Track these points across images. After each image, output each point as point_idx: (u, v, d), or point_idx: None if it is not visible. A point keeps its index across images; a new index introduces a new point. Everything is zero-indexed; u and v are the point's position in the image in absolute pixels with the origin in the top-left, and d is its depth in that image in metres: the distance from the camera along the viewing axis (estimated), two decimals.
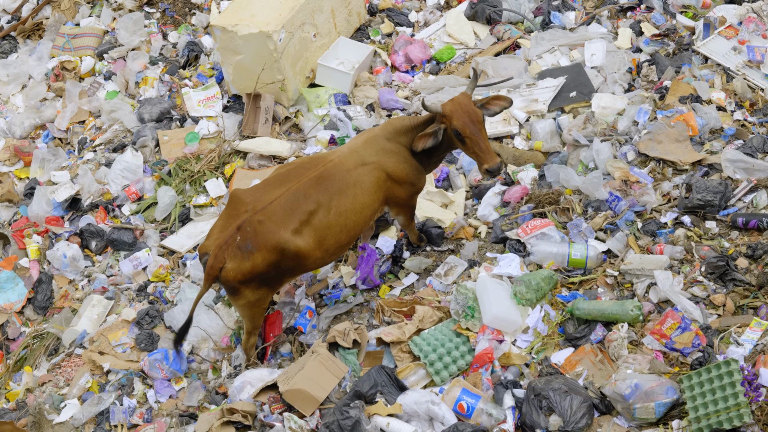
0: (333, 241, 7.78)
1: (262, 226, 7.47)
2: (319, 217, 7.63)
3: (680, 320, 7.01)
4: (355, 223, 7.86)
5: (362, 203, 7.85)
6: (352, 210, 7.79)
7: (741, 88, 9.34)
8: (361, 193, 7.82)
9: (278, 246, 7.50)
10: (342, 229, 7.79)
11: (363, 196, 7.84)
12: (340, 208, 7.71)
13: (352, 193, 7.77)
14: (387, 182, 7.97)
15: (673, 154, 8.70)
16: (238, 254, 7.45)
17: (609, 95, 9.68)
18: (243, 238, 7.45)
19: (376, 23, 12.16)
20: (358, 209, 7.83)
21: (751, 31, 9.92)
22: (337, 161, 7.83)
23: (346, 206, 7.75)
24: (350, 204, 7.76)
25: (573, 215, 8.46)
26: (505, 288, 7.73)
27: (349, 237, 7.91)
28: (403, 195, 8.16)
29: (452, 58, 11.38)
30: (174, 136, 10.88)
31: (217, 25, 10.69)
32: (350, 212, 7.78)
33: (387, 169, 7.94)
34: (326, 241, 7.73)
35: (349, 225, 7.82)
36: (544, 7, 11.49)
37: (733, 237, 7.88)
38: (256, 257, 7.48)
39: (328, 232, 7.72)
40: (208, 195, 10.18)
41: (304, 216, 7.57)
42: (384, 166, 7.93)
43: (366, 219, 7.98)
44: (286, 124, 10.89)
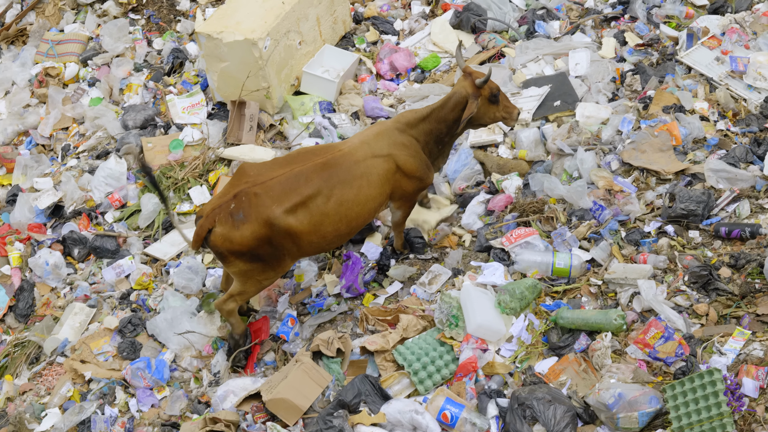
0: (331, 228, 7.84)
1: (256, 198, 7.56)
2: (317, 202, 7.69)
3: (663, 330, 7.02)
4: (357, 214, 7.92)
5: (367, 195, 7.91)
6: (354, 201, 7.84)
7: (724, 98, 9.37)
8: (367, 185, 7.88)
9: (268, 220, 7.57)
10: (341, 219, 7.84)
11: (369, 189, 7.91)
12: (341, 197, 7.77)
13: (357, 185, 7.83)
14: (396, 175, 8.06)
15: (657, 164, 8.72)
16: (228, 221, 7.57)
17: (593, 104, 9.70)
18: (237, 207, 7.56)
19: (361, 31, 12.17)
20: (362, 201, 7.90)
21: (734, 41, 9.96)
22: (346, 151, 7.91)
23: (349, 197, 7.80)
24: (353, 195, 7.82)
25: (557, 224, 8.47)
26: (489, 297, 7.73)
27: (349, 227, 7.97)
28: (410, 189, 8.24)
29: (437, 66, 11.39)
30: (158, 143, 10.85)
31: (202, 32, 10.67)
32: (352, 203, 7.84)
33: (398, 162, 8.03)
34: (323, 227, 7.79)
35: (350, 216, 7.88)
36: (528, 17, 11.51)
37: (716, 246, 7.90)
38: (245, 228, 7.56)
39: (326, 219, 7.77)
40: (192, 202, 10.15)
41: (300, 198, 7.63)
42: (395, 159, 8.02)
43: (370, 211, 8.04)
44: (271, 132, 10.88)
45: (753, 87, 9.46)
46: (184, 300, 9.02)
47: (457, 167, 9.49)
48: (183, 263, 9.33)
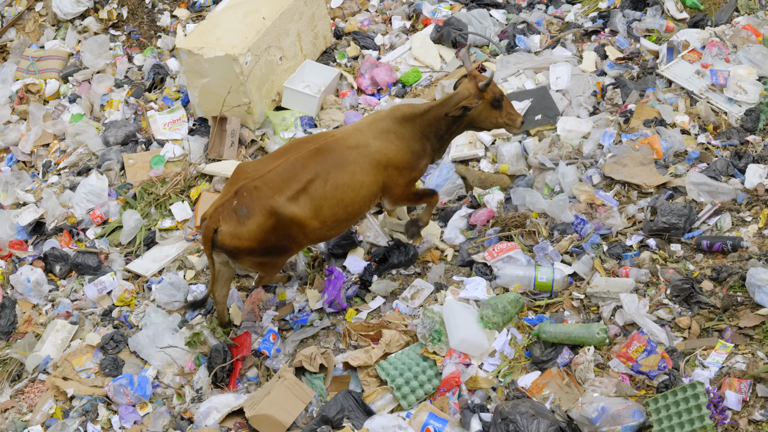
0: (329, 213, 7.92)
1: (258, 191, 7.66)
2: (315, 186, 7.80)
3: (646, 343, 7.03)
4: (352, 199, 7.99)
5: (360, 182, 7.99)
6: (349, 186, 7.93)
7: (704, 111, 9.41)
8: (360, 171, 7.97)
9: (273, 210, 7.67)
10: (338, 203, 7.93)
11: (361, 175, 7.99)
12: (337, 181, 7.87)
13: (351, 170, 7.94)
14: (387, 167, 8.14)
15: (638, 177, 8.74)
16: (233, 217, 7.66)
17: (574, 118, 9.72)
18: (239, 203, 7.65)
19: (342, 46, 12.17)
20: (356, 186, 7.98)
21: (714, 55, 10.00)
22: (339, 137, 8.05)
23: (344, 181, 7.90)
24: (348, 179, 7.92)
25: (539, 238, 8.48)
26: (472, 311, 7.73)
27: (347, 213, 8.05)
28: (402, 182, 8.31)
29: (418, 81, 11.40)
30: (139, 159, 10.83)
31: (182, 48, 10.66)
32: (347, 187, 7.93)
33: (389, 153, 8.12)
34: (322, 211, 7.88)
35: (346, 200, 7.96)
36: (509, 31, 11.54)
37: (697, 260, 7.91)
38: (251, 222, 7.66)
39: (324, 203, 7.86)
40: (173, 218, 10.13)
41: (300, 184, 7.75)
42: (385, 150, 8.11)
43: (364, 199, 8.11)
44: (252, 147, 10.87)
45: (733, 100, 9.50)
46: (166, 316, 9.00)
47: (438, 181, 9.49)
48: (165, 279, 9.31)
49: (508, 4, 12.30)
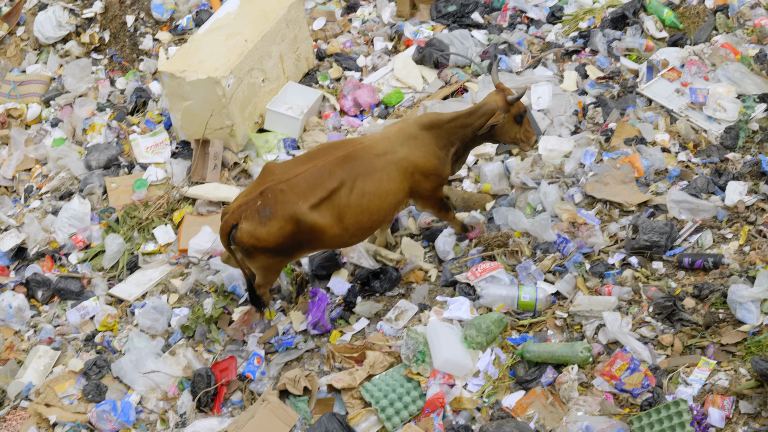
0: (353, 220, 8.03)
1: (282, 195, 7.77)
2: (340, 194, 7.90)
3: (629, 361, 7.04)
4: (378, 207, 8.11)
5: (387, 189, 8.11)
6: (375, 193, 8.04)
7: (684, 129, 9.45)
8: (387, 179, 8.09)
9: (294, 217, 7.78)
10: (363, 211, 8.03)
11: (388, 183, 8.10)
12: (363, 189, 7.97)
13: (378, 178, 8.05)
14: (414, 173, 8.25)
15: (620, 196, 8.76)
16: (255, 218, 7.77)
17: (556, 138, 9.75)
18: (263, 204, 7.76)
19: (324, 68, 12.20)
20: (382, 194, 8.09)
21: (693, 73, 10.04)
22: (367, 144, 8.15)
23: (370, 189, 8.01)
24: (374, 187, 8.03)
25: (522, 258, 8.48)
26: (456, 332, 7.73)
27: (371, 220, 8.16)
28: (428, 186, 8.41)
29: (400, 102, 11.43)
30: (122, 183, 10.82)
31: (165, 71, 10.68)
32: (373, 195, 8.04)
33: (416, 159, 8.23)
34: (346, 219, 7.99)
35: (371, 208, 8.07)
36: (490, 51, 11.58)
37: (679, 277, 7.93)
38: (272, 224, 7.77)
39: (348, 211, 7.97)
40: (156, 242, 10.11)
41: (325, 192, 7.85)
42: (412, 157, 8.22)
43: (390, 206, 8.23)
44: (235, 170, 10.87)
45: (713, 118, 9.53)
46: (149, 341, 8.99)
47: None
48: (148, 303, 9.29)
49: (490, 25, 12.35)
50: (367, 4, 13.26)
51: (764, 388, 6.71)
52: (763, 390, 6.71)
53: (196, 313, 8.97)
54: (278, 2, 11.42)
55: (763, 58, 10.14)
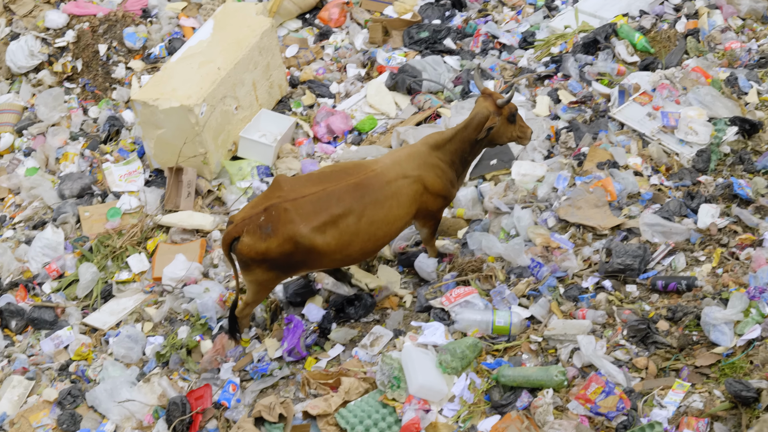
0: (358, 247, 8.15)
1: (286, 215, 7.85)
2: (348, 222, 7.98)
3: (604, 384, 7.04)
4: (384, 233, 8.24)
5: (396, 215, 8.21)
6: (384, 221, 8.14)
7: (656, 153, 9.50)
8: (396, 205, 8.18)
9: (293, 238, 7.86)
10: (370, 238, 8.15)
11: (398, 209, 8.21)
12: (373, 217, 8.06)
13: (388, 205, 8.14)
14: (423, 195, 8.36)
15: (593, 220, 8.79)
16: (257, 232, 7.87)
17: (529, 162, 9.78)
18: (266, 220, 7.85)
19: (297, 95, 12.23)
20: (391, 221, 8.20)
21: (664, 97, 10.11)
22: (379, 171, 8.19)
23: (379, 216, 8.10)
24: (383, 215, 8.12)
25: (496, 282, 8.49)
26: (431, 357, 7.71)
27: (375, 246, 8.31)
28: (434, 208, 8.57)
29: (374, 128, 11.46)
30: (95, 211, 10.78)
31: (138, 100, 10.67)
32: (382, 223, 8.14)
33: (426, 182, 8.34)
34: (351, 246, 8.09)
35: (378, 235, 8.19)
36: (463, 77, 11.63)
37: (653, 300, 7.95)
38: (271, 241, 7.86)
39: (355, 239, 8.07)
40: (130, 271, 10.08)
41: (329, 218, 7.93)
42: (424, 180, 8.32)
43: (396, 230, 8.40)
44: (209, 198, 10.86)
45: (685, 141, 9.60)
46: (124, 369, 8.94)
47: None
48: (122, 332, 9.26)
49: (462, 51, 12.41)
50: (339, 31, 13.32)
51: (738, 409, 6.73)
52: (738, 411, 6.73)
53: (171, 342, 8.94)
54: (251, 30, 11.45)
55: (733, 81, 10.24)
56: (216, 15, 11.81)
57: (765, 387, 6.70)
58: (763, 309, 7.33)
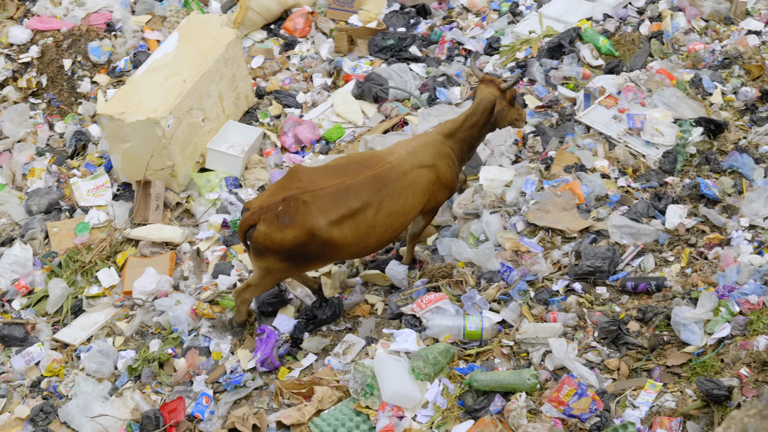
0: (375, 239, 8.23)
1: (305, 207, 7.87)
2: (366, 215, 8.03)
3: (576, 386, 7.06)
4: (400, 223, 8.30)
5: (411, 205, 8.29)
6: (400, 211, 8.21)
7: (623, 155, 9.54)
8: (412, 195, 8.26)
9: (311, 230, 7.89)
10: (387, 230, 8.21)
11: (413, 198, 8.28)
12: (390, 209, 8.13)
13: (405, 196, 8.21)
14: (435, 185, 8.43)
15: (561, 223, 8.82)
16: (273, 222, 7.87)
17: (496, 167, 9.80)
18: (284, 210, 7.87)
19: (264, 105, 12.22)
20: (407, 210, 8.28)
21: (629, 99, 10.16)
22: (395, 163, 8.24)
23: (396, 208, 8.16)
24: (400, 206, 8.18)
25: (466, 288, 8.50)
26: (403, 364, 7.70)
27: (391, 237, 8.38)
28: (442, 198, 8.71)
29: (341, 137, 11.46)
30: (63, 227, 10.73)
31: (104, 114, 10.63)
32: (399, 213, 8.21)
33: (440, 172, 8.44)
34: (369, 238, 8.16)
35: (394, 225, 8.25)
36: (429, 84, 11.66)
37: (623, 301, 7.99)
38: (287, 232, 7.87)
39: (373, 231, 8.13)
40: (100, 285, 10.03)
41: (346, 211, 7.97)
42: (438, 169, 8.42)
43: (409, 220, 8.45)
44: (178, 210, 10.83)
45: (650, 143, 9.65)
46: (96, 384, 8.88)
47: None
48: (94, 347, 9.21)
49: (428, 58, 12.45)
50: (304, 40, 13.33)
51: (710, 408, 6.76)
52: (710, 410, 6.76)
53: (143, 355, 8.91)
54: (216, 42, 11.43)
55: (698, 82, 10.31)
56: (180, 27, 11.79)
57: (736, 385, 6.73)
58: (732, 307, 7.37)
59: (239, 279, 9.60)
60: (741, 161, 9.06)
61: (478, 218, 9.11)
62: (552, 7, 12.50)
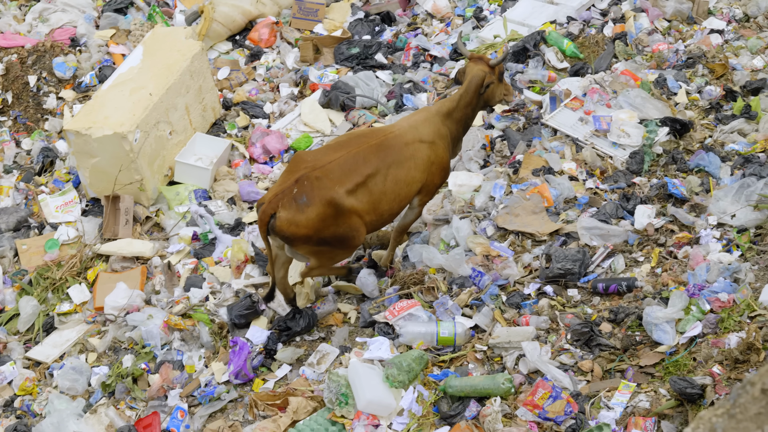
0: (387, 207, 8.27)
1: (319, 182, 7.86)
2: (376, 181, 8.10)
3: (551, 389, 7.08)
4: (406, 194, 8.37)
5: (413, 177, 8.36)
6: (405, 181, 8.29)
7: (590, 157, 9.59)
8: (414, 167, 8.33)
9: (332, 201, 7.90)
10: (395, 198, 8.28)
11: (415, 171, 8.35)
12: (396, 176, 8.21)
13: (407, 166, 8.28)
14: (434, 165, 8.52)
15: (531, 226, 8.85)
16: (292, 205, 7.83)
17: (465, 173, 9.83)
18: (299, 191, 7.83)
19: (231, 117, 12.21)
20: (410, 181, 8.34)
21: (595, 101, 10.21)
22: (397, 133, 8.36)
23: (401, 176, 8.25)
24: (404, 175, 8.27)
25: (438, 294, 8.51)
26: (377, 372, 7.70)
27: (400, 206, 8.46)
28: (438, 181, 8.78)
29: (309, 146, 11.46)
30: (33, 244, 10.67)
31: (70, 129, 10.59)
32: (403, 183, 8.28)
33: (438, 151, 8.53)
34: (381, 206, 8.21)
35: (401, 194, 8.32)
36: (396, 91, 11.68)
37: (595, 303, 8.02)
38: (309, 211, 7.85)
39: (384, 198, 8.19)
40: (71, 302, 9.98)
41: (360, 178, 8.02)
42: (436, 148, 8.52)
43: (412, 194, 8.52)
44: (147, 224, 10.80)
45: (617, 144, 9.70)
46: (69, 402, 8.83)
47: None
48: (66, 364, 9.15)
49: (394, 65, 12.47)
50: (270, 51, 13.33)
51: (684, 406, 6.79)
52: (684, 409, 6.79)
53: (116, 371, 8.87)
54: (181, 54, 11.41)
55: (662, 82, 10.38)
56: (145, 41, 11.76)
57: (709, 383, 6.76)
58: (703, 306, 7.41)
59: (211, 291, 9.58)
60: (707, 160, 9.13)
61: (448, 224, 9.13)
62: (516, 11, 12.56)
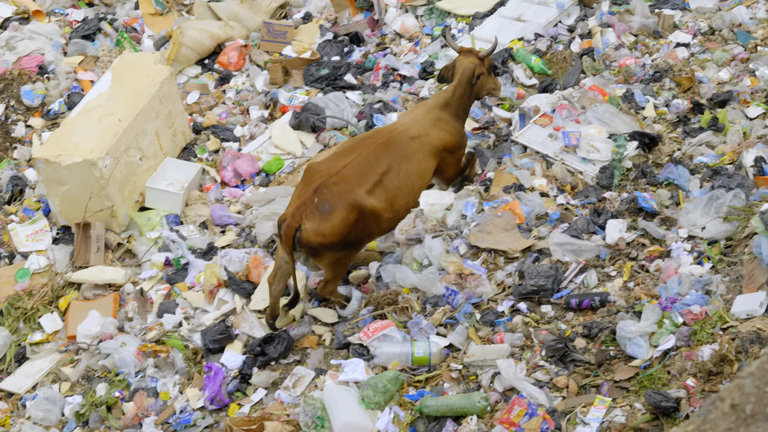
0: (402, 202, 8.56)
1: (337, 187, 8.04)
2: (390, 178, 8.39)
3: (527, 406, 7.06)
4: (419, 186, 8.70)
5: (424, 168, 8.72)
6: (416, 174, 8.62)
7: (561, 173, 9.60)
8: (423, 159, 8.68)
9: (355, 204, 8.11)
10: (409, 191, 8.58)
11: (425, 162, 8.72)
12: (408, 171, 8.52)
13: (417, 159, 8.61)
14: (442, 152, 8.93)
15: (503, 243, 8.83)
16: (316, 215, 7.99)
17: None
18: (320, 200, 7.98)
19: (202, 141, 12.18)
20: (422, 173, 8.70)
21: (564, 117, 10.23)
22: (402, 129, 8.71)
23: (412, 170, 8.56)
24: (415, 168, 8.59)
25: (412, 313, 8.48)
26: (353, 394, 7.67)
27: (414, 199, 8.76)
28: (453, 160, 9.35)
29: (281, 168, 11.45)
30: (3, 274, 10.61)
31: (39, 158, 10.55)
32: (415, 176, 8.61)
33: (444, 138, 8.99)
34: (397, 201, 8.50)
35: (415, 188, 8.63)
36: (366, 111, 11.68)
37: (568, 318, 8.01)
38: (334, 218, 8.03)
39: (399, 193, 8.48)
40: (43, 331, 9.91)
41: (376, 177, 8.31)
42: (442, 136, 8.96)
43: (425, 184, 8.95)
44: (119, 251, 10.75)
45: (587, 159, 9.71)
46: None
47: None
48: (39, 394, 9.11)
49: (363, 85, 12.48)
50: (239, 74, 13.32)
51: (660, 420, 6.80)
52: (659, 422, 6.79)
53: (90, 400, 8.81)
54: (150, 79, 11.39)
55: (630, 97, 10.42)
56: (114, 67, 11.74)
57: (683, 396, 6.77)
58: (675, 319, 7.42)
59: (184, 317, 9.54)
60: (677, 173, 9.16)
61: (421, 243, 9.10)
62: (483, 29, 12.59)
